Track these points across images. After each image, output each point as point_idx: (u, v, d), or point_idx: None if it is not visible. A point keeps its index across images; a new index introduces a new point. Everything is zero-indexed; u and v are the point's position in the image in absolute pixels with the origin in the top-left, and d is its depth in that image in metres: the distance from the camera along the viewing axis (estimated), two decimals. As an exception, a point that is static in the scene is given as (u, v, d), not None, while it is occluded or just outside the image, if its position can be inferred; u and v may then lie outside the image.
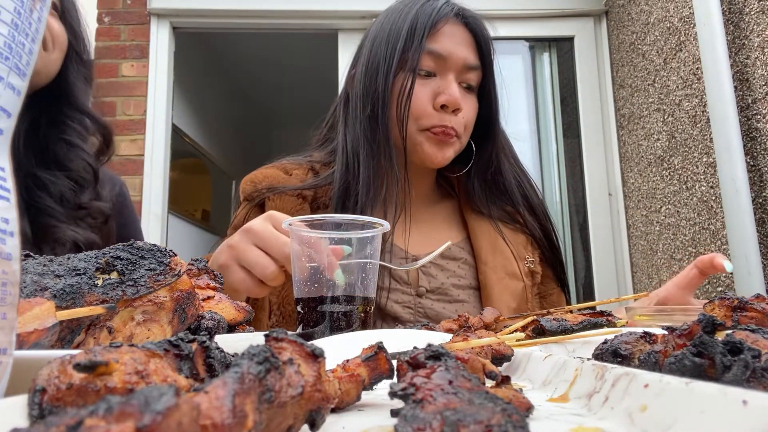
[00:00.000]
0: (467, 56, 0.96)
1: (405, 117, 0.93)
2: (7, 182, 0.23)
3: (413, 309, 0.92)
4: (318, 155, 1.06)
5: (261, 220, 0.70)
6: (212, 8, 2.73)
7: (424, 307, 0.93)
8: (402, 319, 0.91)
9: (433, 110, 0.94)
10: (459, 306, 0.95)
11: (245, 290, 0.69)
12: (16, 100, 0.23)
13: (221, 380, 0.18)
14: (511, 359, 0.44)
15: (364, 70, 0.97)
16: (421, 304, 0.93)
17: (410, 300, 0.93)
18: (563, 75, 2.81)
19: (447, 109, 0.94)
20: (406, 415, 0.20)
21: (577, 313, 0.59)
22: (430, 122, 0.94)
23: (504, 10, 2.70)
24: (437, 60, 0.95)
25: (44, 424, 0.14)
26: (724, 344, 0.28)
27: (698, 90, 1.88)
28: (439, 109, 0.94)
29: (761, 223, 1.62)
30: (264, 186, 0.97)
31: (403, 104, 0.93)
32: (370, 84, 0.95)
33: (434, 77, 0.96)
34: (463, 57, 0.96)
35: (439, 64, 0.95)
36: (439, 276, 0.96)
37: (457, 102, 0.93)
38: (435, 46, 0.94)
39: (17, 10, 0.22)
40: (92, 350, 0.22)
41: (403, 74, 0.93)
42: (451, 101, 0.93)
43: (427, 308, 0.93)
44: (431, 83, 0.95)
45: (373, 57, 0.96)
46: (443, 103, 0.93)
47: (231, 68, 4.33)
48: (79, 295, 0.36)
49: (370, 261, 0.65)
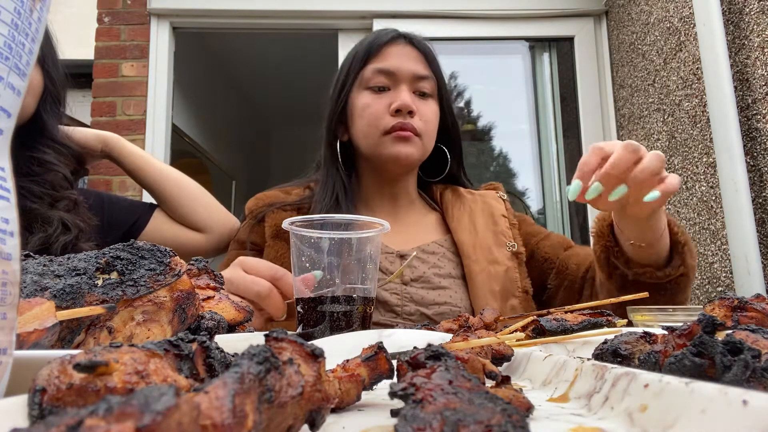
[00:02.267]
0: (416, 68, 1.09)
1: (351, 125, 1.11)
2: (7, 182, 0.23)
3: (400, 295, 1.03)
4: (315, 176, 1.19)
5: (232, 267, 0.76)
6: (212, 8, 2.73)
7: (410, 294, 1.03)
8: (391, 304, 1.01)
9: (390, 116, 1.06)
10: (441, 291, 1.05)
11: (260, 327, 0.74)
12: (16, 100, 0.23)
13: (221, 380, 0.18)
14: (511, 359, 0.44)
15: (330, 94, 1.15)
16: (407, 291, 1.03)
17: (397, 287, 1.04)
18: (563, 75, 2.81)
19: (401, 113, 1.05)
20: (406, 415, 0.20)
21: (577, 313, 0.59)
22: (388, 124, 1.06)
23: (504, 10, 2.70)
24: (388, 76, 1.08)
25: (44, 424, 0.14)
26: (724, 344, 0.28)
27: (698, 90, 1.88)
28: (394, 114, 1.06)
29: (761, 223, 1.62)
30: (264, 204, 1.11)
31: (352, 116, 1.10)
32: (333, 105, 1.13)
33: (389, 91, 1.09)
34: (412, 69, 1.09)
35: (391, 79, 1.09)
36: (421, 267, 1.07)
37: (408, 105, 1.05)
38: (383, 64, 1.09)
39: (17, 10, 0.22)
40: (92, 350, 0.22)
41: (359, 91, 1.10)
42: (402, 105, 1.05)
43: (413, 294, 1.03)
44: (386, 96, 1.09)
45: (336, 83, 1.15)
46: (397, 108, 1.05)
47: (231, 68, 4.33)
48: (79, 295, 0.36)
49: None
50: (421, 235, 1.14)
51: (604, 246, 0.89)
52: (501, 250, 1.10)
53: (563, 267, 1.10)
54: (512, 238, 1.13)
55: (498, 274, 1.06)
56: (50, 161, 1.02)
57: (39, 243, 0.92)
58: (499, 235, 1.12)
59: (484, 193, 1.23)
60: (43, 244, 0.92)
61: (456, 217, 1.15)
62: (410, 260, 0.85)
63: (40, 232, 0.93)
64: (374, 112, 1.08)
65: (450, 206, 1.18)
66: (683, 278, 0.86)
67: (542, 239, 1.16)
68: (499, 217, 1.16)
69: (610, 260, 0.89)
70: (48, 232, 0.93)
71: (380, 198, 1.17)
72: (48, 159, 1.02)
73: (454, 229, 1.14)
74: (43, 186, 0.99)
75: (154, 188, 1.18)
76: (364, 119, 1.09)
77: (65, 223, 0.96)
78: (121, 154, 1.17)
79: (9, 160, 0.23)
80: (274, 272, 0.73)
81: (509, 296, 1.06)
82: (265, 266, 0.75)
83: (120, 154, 1.17)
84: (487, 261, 1.07)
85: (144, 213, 1.18)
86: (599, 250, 0.90)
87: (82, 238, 0.98)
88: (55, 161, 1.03)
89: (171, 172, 1.20)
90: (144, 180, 1.17)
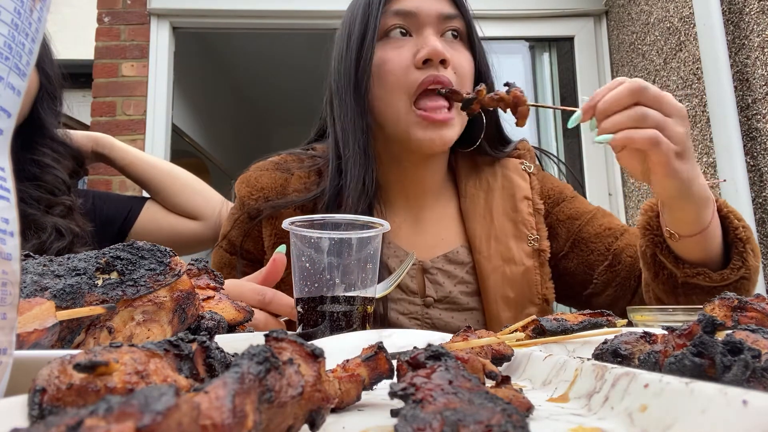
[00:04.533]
0: (440, 7, 0.87)
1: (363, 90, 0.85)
2: (7, 182, 0.23)
3: (420, 320, 0.86)
4: (320, 147, 0.98)
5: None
6: (212, 8, 2.72)
7: (432, 318, 0.86)
8: None
9: (416, 69, 0.84)
10: (468, 315, 0.88)
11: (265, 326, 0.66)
12: (16, 100, 0.23)
13: (221, 380, 0.18)
14: (511, 359, 0.44)
15: (336, 54, 0.91)
16: (428, 314, 0.87)
17: (417, 310, 0.86)
18: (563, 75, 2.81)
19: (432, 64, 0.83)
20: (406, 415, 0.20)
21: (577, 313, 0.59)
22: (416, 79, 0.83)
23: (504, 10, 2.70)
24: (408, 19, 0.86)
25: (44, 424, 0.14)
26: (724, 344, 0.28)
27: (698, 90, 1.88)
28: (422, 65, 0.83)
29: (761, 223, 1.62)
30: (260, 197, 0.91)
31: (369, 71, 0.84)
32: (342, 65, 0.88)
33: (410, 37, 0.87)
34: (436, 8, 0.86)
35: (412, 23, 0.86)
36: (446, 284, 0.88)
37: (440, 52, 0.82)
38: (400, 5, 0.86)
39: (17, 10, 0.22)
40: (92, 350, 0.22)
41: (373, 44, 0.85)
42: (432, 52, 0.82)
43: (435, 318, 0.86)
44: (407, 43, 0.86)
45: (343, 38, 0.90)
46: (425, 57, 0.82)
47: (231, 68, 4.32)
48: (79, 295, 0.36)
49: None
50: (445, 238, 0.92)
51: (652, 240, 0.76)
52: (520, 246, 0.89)
53: (616, 261, 0.91)
54: (535, 228, 0.91)
55: (514, 276, 0.87)
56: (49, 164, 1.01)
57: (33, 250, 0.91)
58: (519, 225, 0.91)
59: (506, 163, 0.97)
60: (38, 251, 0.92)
61: (470, 196, 0.93)
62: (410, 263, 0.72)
63: (34, 239, 0.93)
64: (396, 68, 0.84)
65: (464, 181, 0.95)
66: (744, 282, 0.73)
67: (587, 223, 0.94)
68: (521, 200, 0.92)
69: (657, 258, 0.76)
70: (42, 238, 0.93)
71: (399, 189, 0.94)
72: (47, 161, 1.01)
73: (466, 212, 0.93)
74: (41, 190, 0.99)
75: (148, 180, 1.18)
76: (382, 79, 0.85)
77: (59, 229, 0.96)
78: (111, 150, 1.17)
79: (9, 159, 0.23)
80: (262, 297, 0.64)
81: (526, 304, 0.88)
82: (250, 292, 0.65)
83: (111, 150, 1.17)
84: (503, 259, 0.88)
85: (135, 204, 1.18)
86: (644, 244, 0.77)
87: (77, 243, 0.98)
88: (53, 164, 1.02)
89: (163, 164, 1.21)
90: (137, 174, 1.18)
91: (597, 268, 0.92)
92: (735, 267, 0.71)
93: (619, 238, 0.92)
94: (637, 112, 0.65)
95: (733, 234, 0.73)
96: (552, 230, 0.95)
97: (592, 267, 0.92)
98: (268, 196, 0.91)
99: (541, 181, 0.99)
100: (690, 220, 0.70)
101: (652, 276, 0.78)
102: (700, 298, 0.71)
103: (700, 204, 0.69)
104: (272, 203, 0.89)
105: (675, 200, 0.70)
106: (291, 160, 0.96)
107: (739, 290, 0.72)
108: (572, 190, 1.00)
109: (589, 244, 0.93)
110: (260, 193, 0.91)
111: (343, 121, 0.87)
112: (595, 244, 0.92)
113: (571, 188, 1.01)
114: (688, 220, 0.70)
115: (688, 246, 0.72)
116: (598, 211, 0.97)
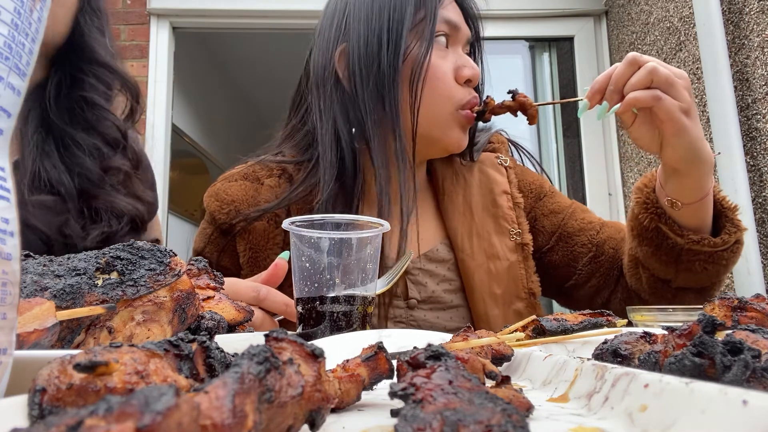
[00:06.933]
0: (466, 29, 0.89)
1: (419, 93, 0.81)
2: (7, 182, 0.23)
3: (405, 323, 0.85)
4: (289, 152, 0.94)
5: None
6: (212, 8, 2.72)
7: (417, 320, 0.86)
8: None
9: (458, 86, 0.84)
10: (453, 312, 0.88)
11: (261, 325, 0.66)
12: (16, 100, 0.23)
13: (221, 380, 0.18)
14: (511, 359, 0.44)
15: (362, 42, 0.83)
16: (413, 316, 0.86)
17: (401, 314, 0.86)
18: (563, 75, 2.81)
19: (470, 84, 0.85)
20: (406, 415, 0.20)
21: (577, 313, 0.59)
22: (462, 98, 0.83)
23: (504, 10, 2.70)
24: (453, 30, 0.85)
25: (44, 424, 0.14)
26: (724, 344, 0.28)
27: (698, 90, 1.88)
28: (462, 84, 0.84)
29: (761, 223, 1.62)
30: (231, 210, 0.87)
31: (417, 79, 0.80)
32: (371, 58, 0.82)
33: (446, 49, 0.85)
34: (466, 29, 0.88)
35: (453, 36, 0.85)
36: (429, 283, 0.87)
37: (478, 76, 0.85)
38: (449, 14, 0.84)
39: (17, 10, 0.22)
40: (92, 350, 0.22)
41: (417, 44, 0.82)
42: (476, 75, 0.84)
43: (420, 320, 0.86)
44: (448, 54, 0.84)
45: (371, 26, 0.82)
46: (469, 77, 0.83)
47: (231, 68, 4.32)
48: (79, 295, 0.36)
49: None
50: (424, 237, 0.89)
51: (654, 212, 0.77)
52: (503, 241, 0.89)
53: (599, 252, 0.92)
54: (516, 222, 0.91)
55: (500, 272, 0.87)
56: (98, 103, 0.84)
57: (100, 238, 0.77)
58: (500, 220, 0.91)
59: (482, 158, 0.98)
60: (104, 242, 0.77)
61: (448, 193, 0.92)
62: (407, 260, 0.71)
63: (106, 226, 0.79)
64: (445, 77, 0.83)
65: (440, 179, 0.94)
66: (738, 246, 0.77)
67: (569, 217, 0.96)
68: (500, 194, 0.93)
69: (660, 230, 0.77)
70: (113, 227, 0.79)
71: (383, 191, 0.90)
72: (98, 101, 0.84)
73: (445, 210, 0.92)
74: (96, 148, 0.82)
75: None
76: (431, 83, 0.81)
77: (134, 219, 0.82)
78: None
79: (9, 160, 0.23)
80: (257, 294, 0.65)
81: (513, 300, 0.88)
82: (245, 289, 0.66)
83: None
84: (486, 255, 0.88)
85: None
86: (647, 218, 0.78)
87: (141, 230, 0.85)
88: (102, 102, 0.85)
89: None
90: None
91: (581, 260, 0.93)
92: (731, 231, 0.76)
93: (600, 231, 0.94)
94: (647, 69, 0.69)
95: (719, 205, 0.77)
96: (535, 225, 0.96)
97: (576, 259, 0.94)
98: (239, 209, 0.87)
99: (519, 175, 0.99)
100: (695, 185, 0.73)
101: (654, 249, 0.79)
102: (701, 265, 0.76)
103: (706, 168, 0.73)
104: (243, 215, 0.86)
105: (684, 163, 0.72)
106: (259, 169, 0.94)
107: (735, 254, 0.77)
108: (550, 184, 1.02)
109: (573, 237, 0.94)
110: (231, 206, 0.88)
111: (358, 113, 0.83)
112: (579, 237, 0.94)
113: (548, 181, 1.02)
114: (693, 186, 0.73)
115: (687, 214, 0.76)
116: (575, 204, 0.99)
